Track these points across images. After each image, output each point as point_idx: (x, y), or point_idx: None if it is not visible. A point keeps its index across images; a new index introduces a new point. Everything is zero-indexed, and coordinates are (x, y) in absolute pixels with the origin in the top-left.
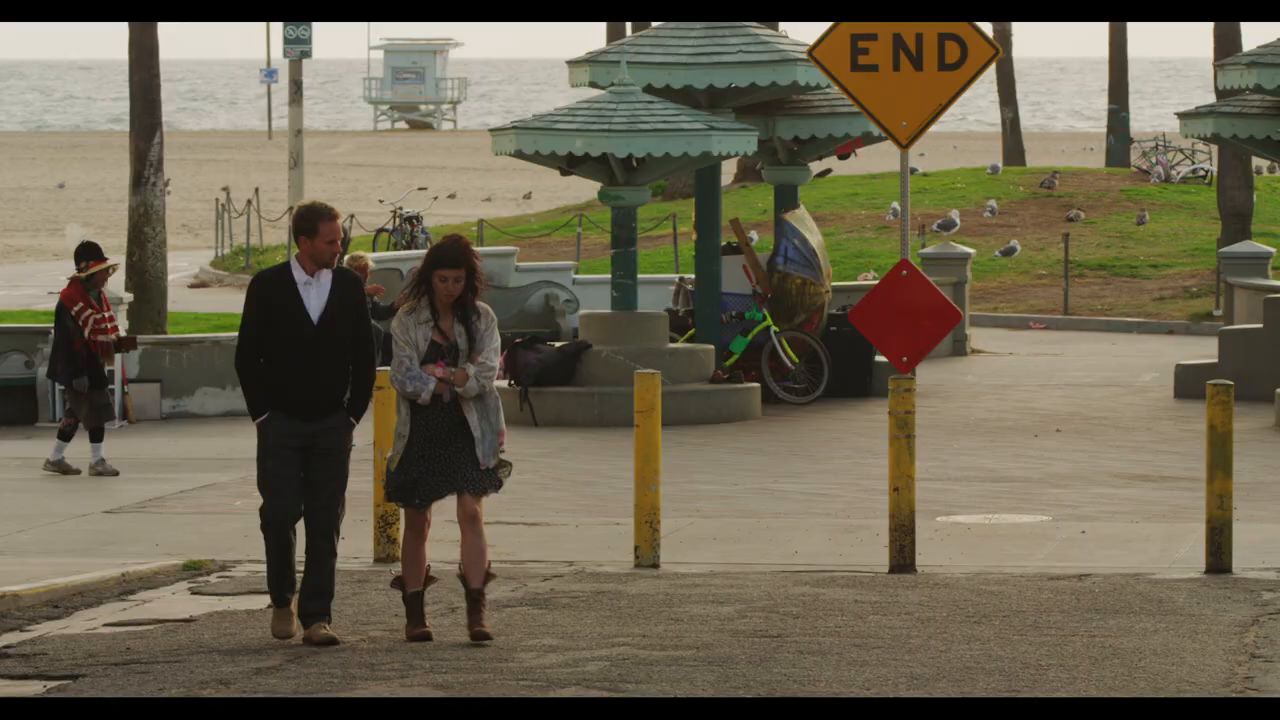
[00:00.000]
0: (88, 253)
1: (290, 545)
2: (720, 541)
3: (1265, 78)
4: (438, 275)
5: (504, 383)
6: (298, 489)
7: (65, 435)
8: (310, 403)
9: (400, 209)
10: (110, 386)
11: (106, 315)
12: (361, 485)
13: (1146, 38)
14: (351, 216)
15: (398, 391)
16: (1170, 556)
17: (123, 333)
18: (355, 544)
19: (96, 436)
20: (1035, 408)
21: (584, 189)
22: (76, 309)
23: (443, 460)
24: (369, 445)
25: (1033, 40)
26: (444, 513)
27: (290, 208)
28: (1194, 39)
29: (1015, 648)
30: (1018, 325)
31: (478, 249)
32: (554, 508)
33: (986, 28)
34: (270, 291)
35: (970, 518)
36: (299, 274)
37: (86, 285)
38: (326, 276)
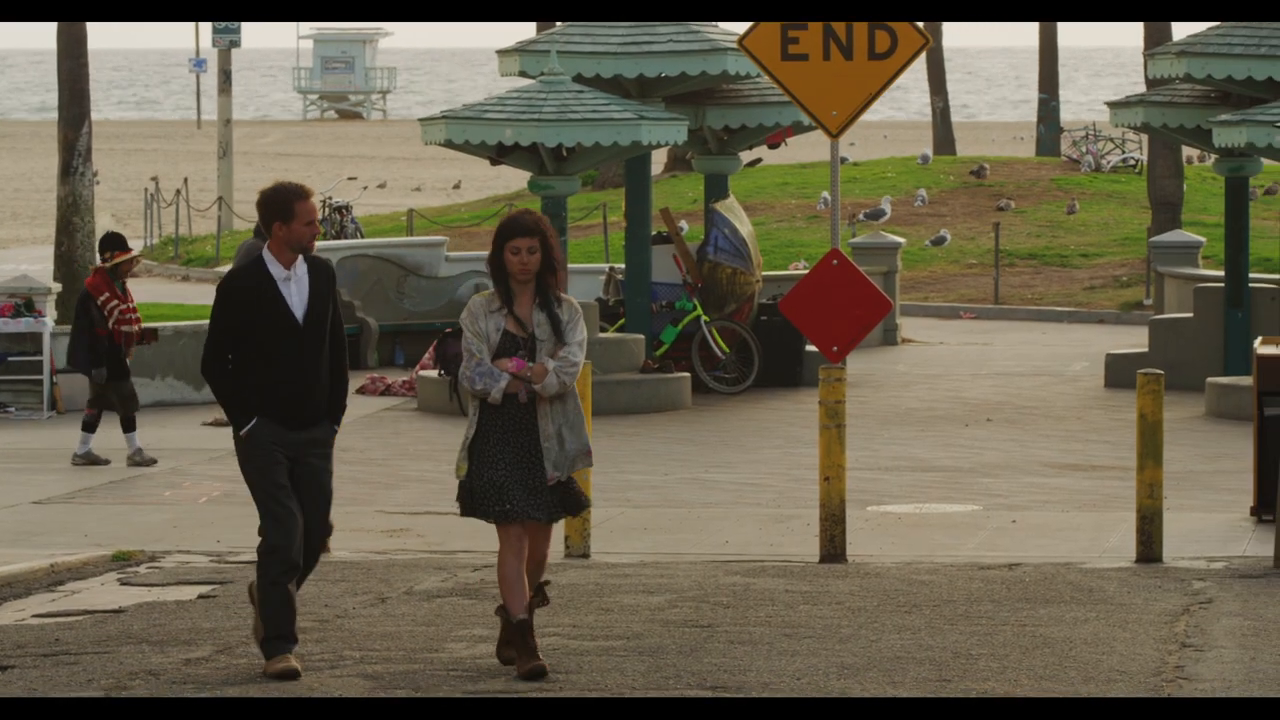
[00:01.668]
0: (112, 243)
1: (295, 571)
2: (651, 531)
3: (1195, 67)
4: (509, 249)
5: (433, 373)
6: (295, 509)
7: (89, 427)
8: (298, 412)
9: (329, 199)
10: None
11: (130, 306)
12: None
13: (1077, 28)
14: None
15: (466, 389)
16: (1101, 546)
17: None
18: None
19: (128, 426)
20: (966, 397)
21: (514, 178)
22: (103, 298)
23: (520, 470)
24: None
25: (963, 29)
26: (372, 503)
27: (219, 197)
28: (1124, 29)
29: (946, 637)
30: (948, 315)
31: (406, 239)
32: None
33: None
34: (248, 295)
35: (901, 507)
36: (276, 269)
37: (111, 275)
38: (301, 268)
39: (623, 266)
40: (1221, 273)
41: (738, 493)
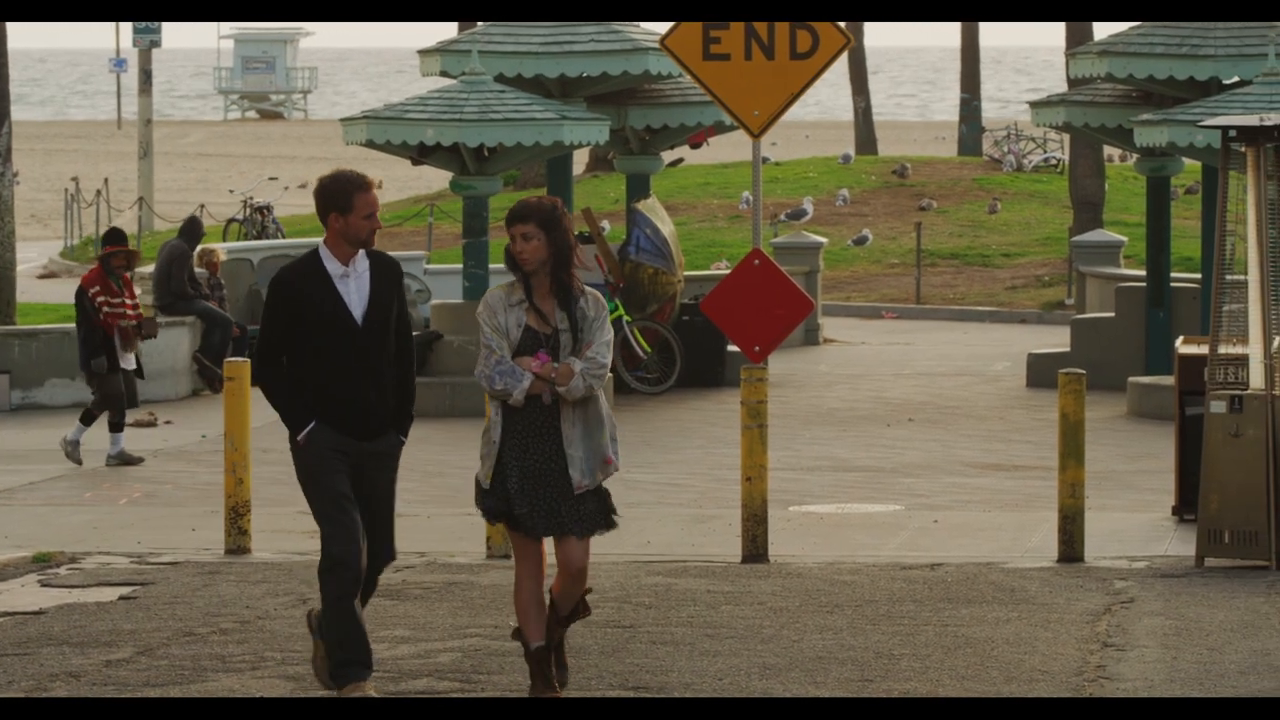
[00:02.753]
0: (109, 238)
1: (360, 585)
2: None
3: (1116, 67)
4: (511, 235)
5: None
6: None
7: (116, 426)
8: (359, 423)
9: (251, 199)
10: (130, 369)
11: (127, 301)
12: (213, 477)
13: (999, 27)
14: (201, 207)
15: (485, 389)
16: (1023, 545)
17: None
18: (206, 535)
19: (86, 421)
20: (888, 397)
21: (435, 179)
22: (92, 291)
23: (545, 479)
24: (219, 436)
25: (885, 29)
26: (294, 504)
27: (140, 198)
28: (1046, 28)
29: (868, 637)
30: (870, 314)
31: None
32: (405, 498)
33: None
34: (301, 291)
35: (823, 507)
36: (333, 265)
37: (107, 270)
38: (362, 263)
39: None
40: (1143, 272)
41: (659, 493)
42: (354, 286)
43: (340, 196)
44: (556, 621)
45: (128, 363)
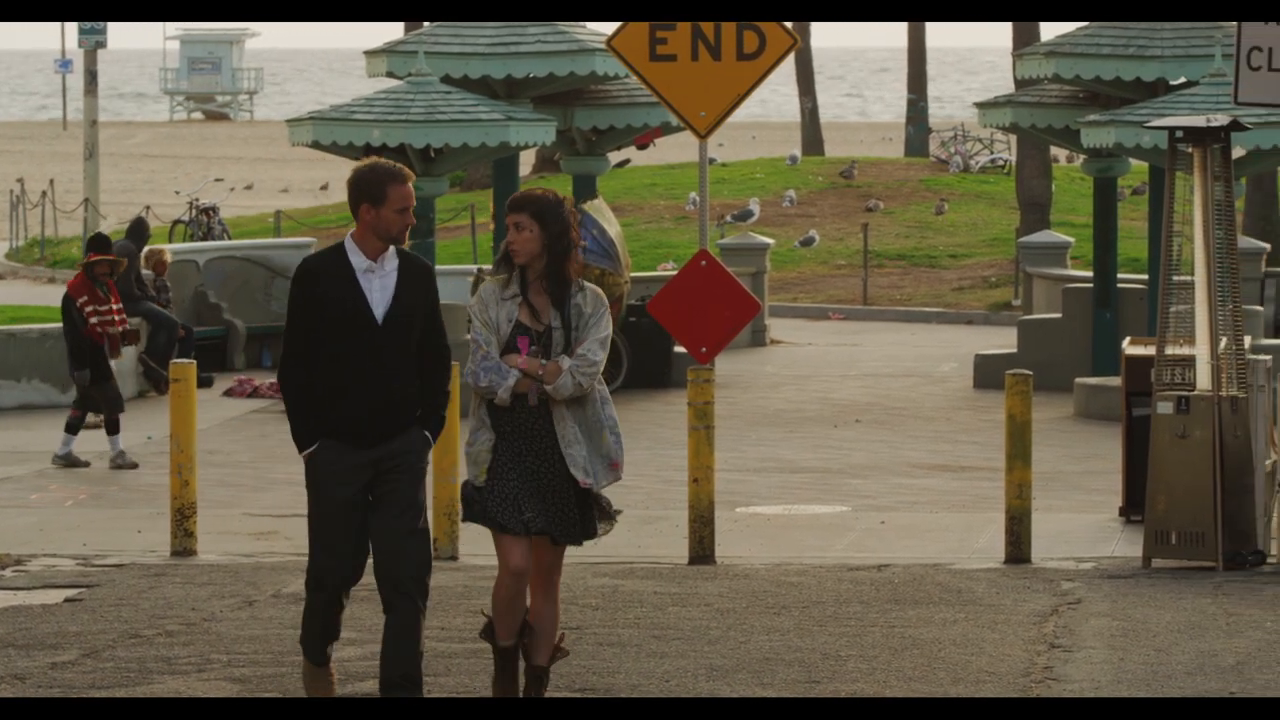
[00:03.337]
0: (92, 244)
1: (341, 605)
2: None
3: (1063, 67)
4: (506, 224)
5: None
6: (359, 546)
7: (72, 428)
8: (371, 427)
9: (196, 200)
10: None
11: (114, 308)
12: (159, 479)
13: (946, 28)
14: (147, 208)
15: (471, 385)
16: (969, 546)
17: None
18: (152, 537)
19: (112, 429)
20: (834, 398)
21: None
22: (81, 300)
23: (543, 480)
24: (165, 438)
25: (832, 30)
26: (240, 505)
27: (86, 199)
28: (993, 29)
29: (815, 638)
30: (817, 315)
31: (273, 241)
32: None
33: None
34: (321, 283)
35: (769, 509)
36: (358, 259)
37: (91, 278)
38: (391, 261)
39: (490, 268)
40: (1090, 273)
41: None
42: (378, 284)
43: (374, 187)
44: (535, 680)
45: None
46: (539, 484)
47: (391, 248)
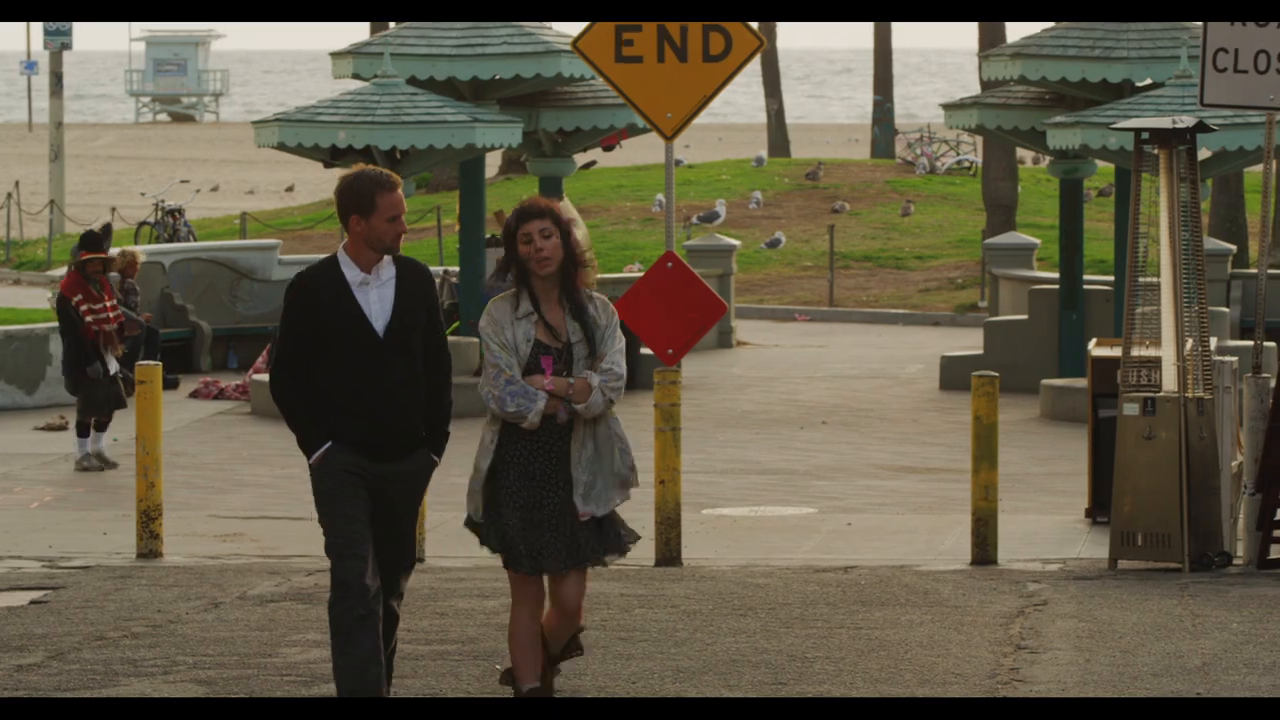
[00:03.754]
0: (84, 243)
1: (378, 619)
2: None
3: (1029, 69)
4: (521, 238)
5: (267, 376)
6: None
7: (86, 428)
8: (378, 442)
9: (162, 202)
10: (119, 372)
11: (108, 305)
12: (125, 481)
13: (912, 29)
14: (113, 210)
15: (495, 411)
16: (936, 548)
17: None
18: (118, 539)
19: (99, 428)
20: (801, 400)
21: None
22: (75, 299)
23: (546, 508)
24: (131, 440)
25: (798, 31)
26: (206, 507)
27: (51, 201)
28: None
29: (781, 640)
30: (783, 317)
31: (239, 242)
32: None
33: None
34: (317, 299)
35: (736, 510)
36: (351, 272)
37: (84, 276)
38: (388, 270)
39: (457, 270)
40: (1056, 275)
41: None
42: (375, 295)
43: (361, 197)
44: (547, 660)
45: (110, 365)
46: (547, 513)
47: (388, 257)
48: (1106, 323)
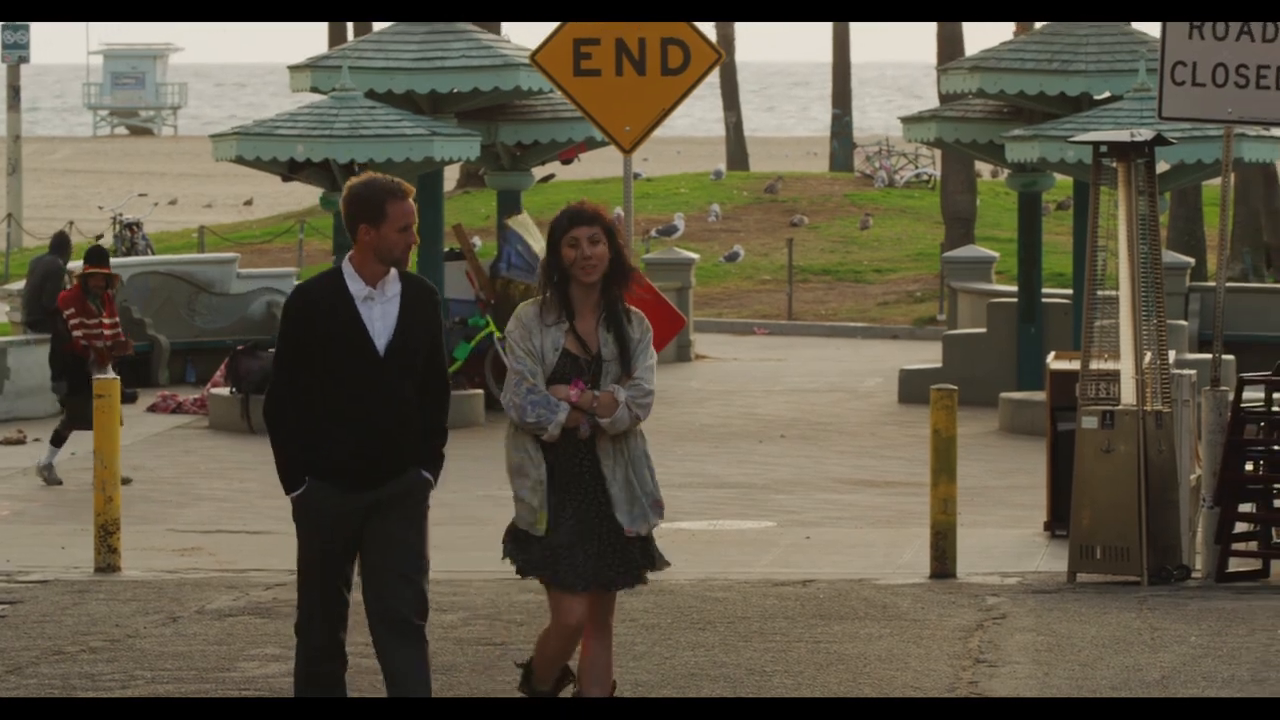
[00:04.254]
0: (88, 257)
1: (342, 683)
2: (443, 550)
3: (987, 82)
4: (566, 242)
5: (225, 390)
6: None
7: (58, 439)
8: (368, 467)
9: (120, 215)
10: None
11: (105, 322)
12: (82, 495)
13: (870, 42)
14: (71, 223)
15: (514, 421)
16: (895, 562)
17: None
18: (76, 553)
19: (57, 440)
20: (759, 413)
21: (306, 195)
22: (67, 313)
23: (592, 524)
24: (88, 454)
25: (756, 44)
26: (163, 521)
27: (9, 214)
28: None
29: (740, 654)
30: (742, 330)
31: (197, 256)
32: (276, 515)
33: (709, 31)
34: (317, 313)
35: (695, 524)
36: (356, 285)
37: (86, 290)
38: (393, 286)
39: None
40: (1015, 288)
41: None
42: (379, 311)
43: (371, 205)
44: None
45: None
46: (589, 528)
47: (393, 271)
48: (1065, 336)
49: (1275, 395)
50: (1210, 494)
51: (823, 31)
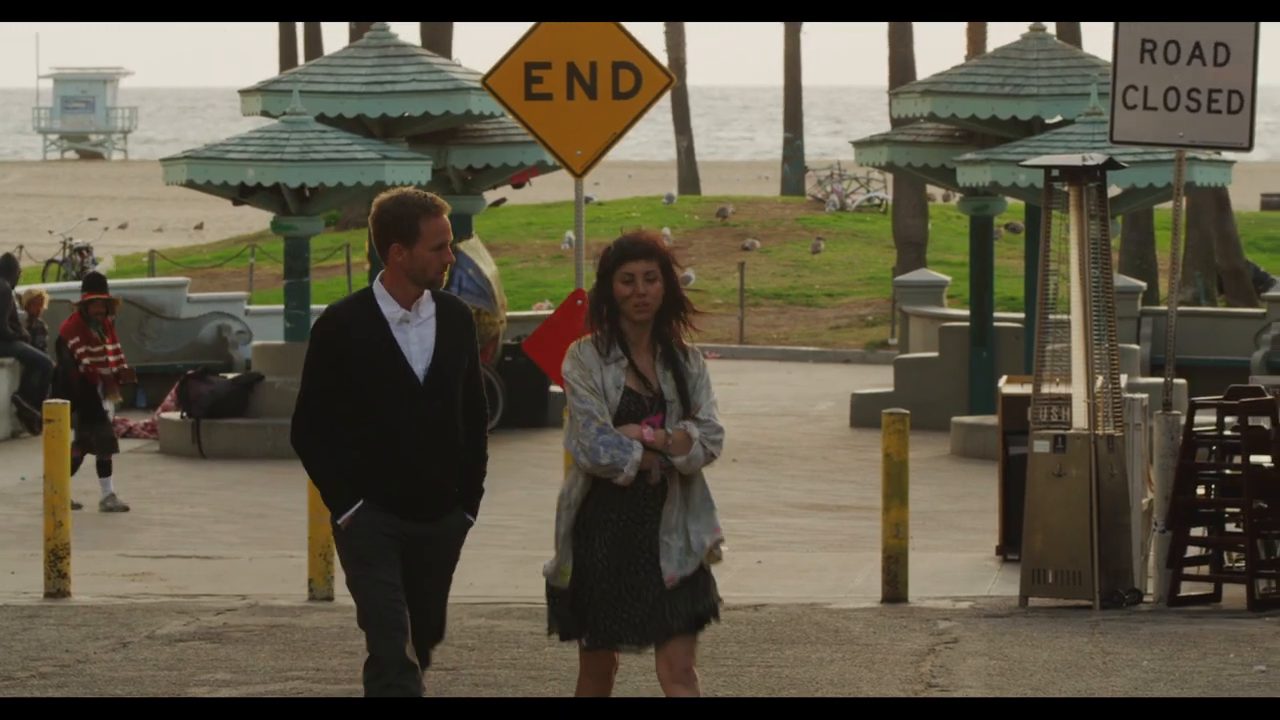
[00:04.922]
0: (87, 284)
1: (412, 681)
2: None
3: (939, 106)
4: (619, 277)
5: (176, 415)
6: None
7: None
8: (415, 499)
9: (70, 239)
10: (114, 418)
11: (109, 349)
12: (32, 520)
13: (822, 67)
14: (20, 247)
15: (584, 466)
16: (846, 586)
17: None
18: (25, 578)
19: (103, 470)
20: None
21: (257, 219)
22: (72, 342)
23: (637, 576)
24: (38, 479)
25: (707, 69)
26: (114, 546)
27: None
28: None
29: None
30: None
31: (148, 280)
32: (227, 540)
33: (661, 55)
34: (349, 339)
35: None
36: (390, 308)
37: (85, 318)
38: (427, 307)
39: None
40: (966, 312)
41: (483, 534)
42: (415, 335)
43: (404, 223)
44: None
45: (108, 410)
46: (634, 581)
47: (426, 292)
48: (1017, 360)
49: (1227, 419)
50: (1162, 518)
51: (774, 55)
